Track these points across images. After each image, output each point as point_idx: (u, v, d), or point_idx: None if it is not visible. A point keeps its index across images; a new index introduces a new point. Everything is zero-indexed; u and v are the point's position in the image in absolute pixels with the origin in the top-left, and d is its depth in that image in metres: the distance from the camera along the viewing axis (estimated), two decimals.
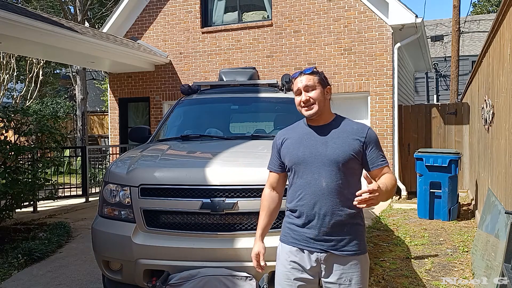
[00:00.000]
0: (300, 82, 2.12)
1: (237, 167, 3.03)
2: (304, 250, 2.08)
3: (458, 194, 7.10)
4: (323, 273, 2.07)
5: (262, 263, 2.14)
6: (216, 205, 2.74)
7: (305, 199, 2.07)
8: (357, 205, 1.85)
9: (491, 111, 4.77)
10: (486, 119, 5.16)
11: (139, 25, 10.63)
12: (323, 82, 2.14)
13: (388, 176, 2.07)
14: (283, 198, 2.26)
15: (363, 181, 2.14)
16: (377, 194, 1.83)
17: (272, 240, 2.37)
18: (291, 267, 2.10)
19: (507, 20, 3.68)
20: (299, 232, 2.09)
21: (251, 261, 2.20)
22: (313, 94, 2.09)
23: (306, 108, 2.10)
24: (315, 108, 2.09)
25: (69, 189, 8.66)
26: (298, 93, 2.12)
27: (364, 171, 2.12)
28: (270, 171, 2.27)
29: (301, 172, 2.09)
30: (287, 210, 2.18)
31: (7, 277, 4.31)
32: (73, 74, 16.28)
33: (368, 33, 8.68)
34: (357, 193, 1.85)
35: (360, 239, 2.09)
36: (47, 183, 6.38)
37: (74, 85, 16.60)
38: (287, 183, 2.21)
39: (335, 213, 2.02)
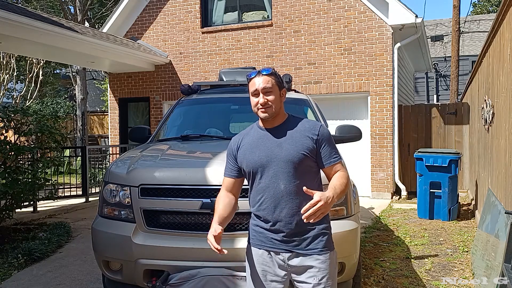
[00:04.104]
0: (258, 83, 2.10)
1: None
2: (271, 252, 2.10)
3: (458, 194, 7.10)
4: (292, 274, 2.09)
5: (219, 247, 1.98)
6: None
7: (266, 203, 2.08)
8: (306, 220, 1.87)
9: (491, 111, 4.77)
10: (486, 119, 5.16)
11: (139, 25, 10.64)
12: (280, 84, 2.15)
13: (340, 175, 2.08)
14: (244, 199, 2.29)
15: (323, 176, 2.18)
16: (321, 203, 1.85)
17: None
18: (261, 269, 2.12)
19: (507, 20, 3.68)
20: (265, 234, 2.11)
21: None
22: (270, 97, 2.09)
23: (263, 110, 2.10)
24: (271, 110, 2.10)
25: (69, 189, 8.66)
26: (256, 94, 2.11)
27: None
28: (226, 177, 2.25)
29: (259, 176, 2.10)
30: (252, 213, 2.20)
31: (7, 277, 4.31)
32: (73, 74, 16.29)
33: (368, 33, 8.68)
34: (302, 210, 1.88)
35: (326, 237, 2.11)
36: (47, 183, 6.37)
37: (74, 85, 16.59)
38: (245, 184, 2.22)
39: (296, 214, 2.04)
